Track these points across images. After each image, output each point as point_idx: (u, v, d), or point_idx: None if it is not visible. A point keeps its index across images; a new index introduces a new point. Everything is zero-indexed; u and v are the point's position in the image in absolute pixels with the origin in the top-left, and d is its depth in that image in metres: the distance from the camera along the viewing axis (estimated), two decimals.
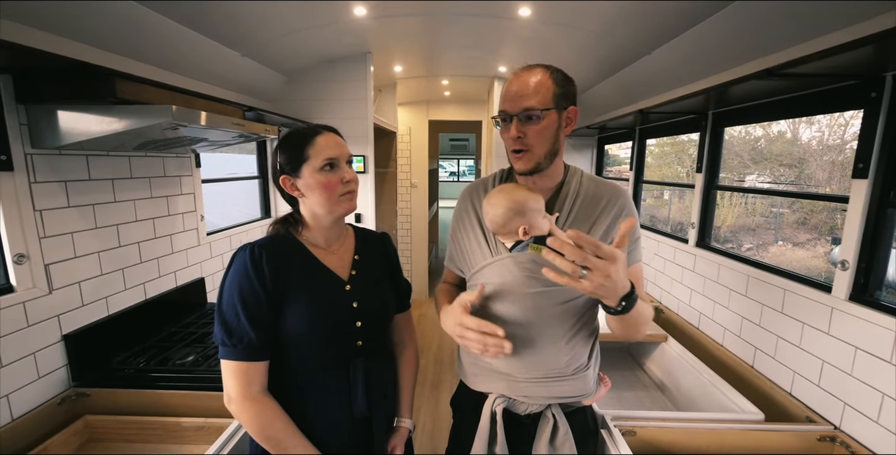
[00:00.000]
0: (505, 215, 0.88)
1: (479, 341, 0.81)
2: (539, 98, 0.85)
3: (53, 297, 1.25)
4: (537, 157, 0.89)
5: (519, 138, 0.87)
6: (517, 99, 0.86)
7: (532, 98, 0.85)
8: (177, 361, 1.40)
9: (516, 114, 0.87)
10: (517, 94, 0.87)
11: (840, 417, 1.18)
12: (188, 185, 1.87)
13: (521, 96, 0.86)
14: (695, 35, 1.62)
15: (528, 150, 0.88)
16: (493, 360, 0.94)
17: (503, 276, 0.91)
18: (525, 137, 0.87)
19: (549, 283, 0.88)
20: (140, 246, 1.59)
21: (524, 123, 0.87)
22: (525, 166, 0.90)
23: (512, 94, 0.87)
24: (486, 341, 0.80)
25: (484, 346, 0.81)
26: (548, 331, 0.89)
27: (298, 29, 1.97)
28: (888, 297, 1.16)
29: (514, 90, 0.87)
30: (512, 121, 0.88)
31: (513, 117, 0.88)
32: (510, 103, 0.87)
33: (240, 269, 0.83)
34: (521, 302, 0.89)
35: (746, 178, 4.22)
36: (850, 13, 1.10)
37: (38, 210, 1.20)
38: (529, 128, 0.87)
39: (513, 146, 0.89)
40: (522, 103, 0.86)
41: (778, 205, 4.44)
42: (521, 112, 0.86)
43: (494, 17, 1.98)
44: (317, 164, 0.86)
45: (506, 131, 0.90)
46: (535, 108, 0.85)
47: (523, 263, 0.90)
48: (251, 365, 0.81)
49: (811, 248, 4.02)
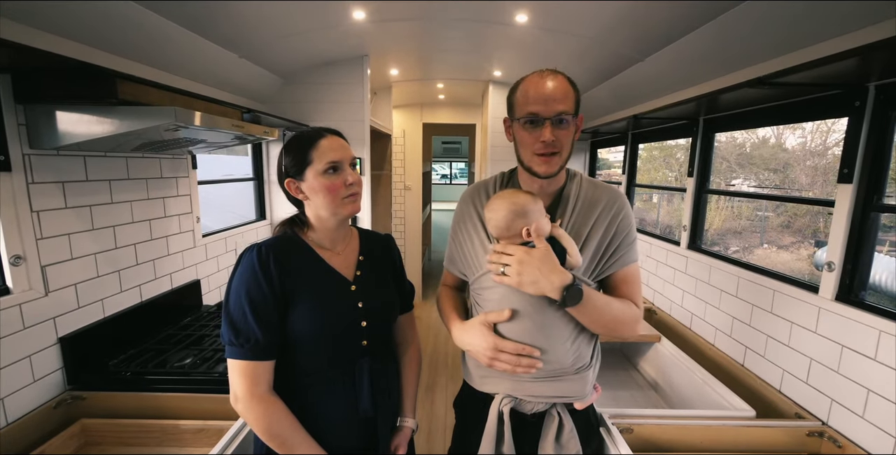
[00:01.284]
0: (507, 218, 0.90)
1: (513, 362, 0.88)
2: (569, 103, 0.88)
3: (49, 300, 1.23)
4: (563, 160, 0.92)
5: (553, 142, 0.88)
6: (551, 102, 0.86)
7: (563, 102, 0.87)
8: (175, 364, 1.39)
9: (550, 117, 0.87)
10: (551, 97, 0.86)
11: (828, 413, 1.23)
12: (184, 186, 1.86)
13: (555, 100, 0.86)
14: (686, 43, 1.67)
15: (557, 154, 0.90)
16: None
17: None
18: (557, 141, 0.88)
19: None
20: (136, 247, 1.58)
21: (557, 127, 0.88)
22: (552, 169, 0.91)
23: (545, 97, 0.86)
24: (520, 362, 0.87)
25: (515, 367, 0.88)
26: (554, 331, 0.91)
27: (296, 32, 1.97)
28: (872, 297, 1.21)
29: (547, 93, 0.87)
30: (544, 124, 0.87)
31: (545, 120, 0.87)
32: (543, 106, 0.87)
33: (247, 270, 0.84)
34: (528, 303, 0.90)
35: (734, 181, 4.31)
36: (835, 26, 1.15)
37: (36, 211, 1.19)
38: (561, 131, 0.88)
39: (544, 149, 0.89)
40: (557, 107, 0.86)
41: (763, 208, 4.55)
42: (555, 115, 0.87)
43: (490, 22, 2.01)
44: (320, 167, 0.87)
45: (532, 133, 0.90)
46: (568, 113, 0.87)
47: None
48: (258, 364, 0.82)
49: (795, 250, 4.13)
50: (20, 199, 1.15)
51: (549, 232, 0.91)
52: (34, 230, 1.18)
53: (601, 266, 0.94)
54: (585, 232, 0.93)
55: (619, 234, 0.94)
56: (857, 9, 1.06)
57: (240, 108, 1.78)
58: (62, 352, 1.26)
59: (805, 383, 1.31)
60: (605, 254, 0.94)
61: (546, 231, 0.91)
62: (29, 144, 1.16)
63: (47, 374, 1.22)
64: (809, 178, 3.85)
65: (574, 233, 0.93)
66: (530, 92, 0.89)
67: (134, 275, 1.57)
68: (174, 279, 1.80)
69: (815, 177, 3.75)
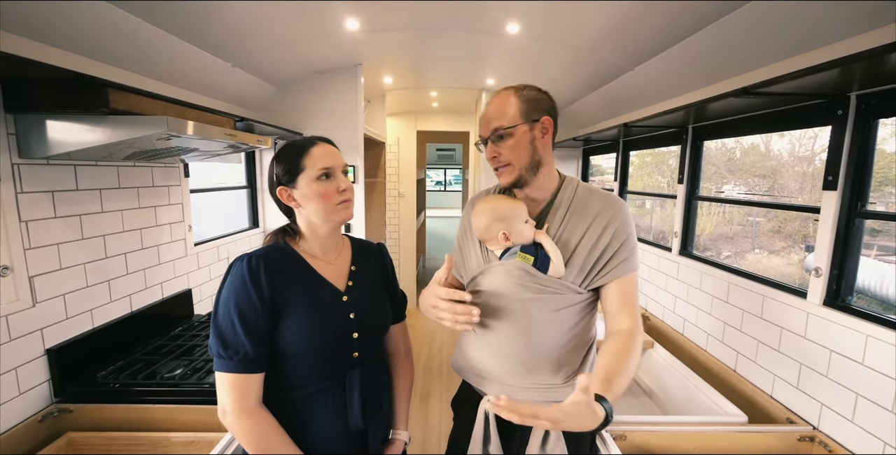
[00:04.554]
0: (486, 221, 0.94)
1: (450, 310, 0.83)
2: (506, 117, 0.93)
3: (37, 310, 1.21)
4: (518, 170, 0.94)
5: (495, 157, 0.95)
6: (487, 123, 0.95)
7: (498, 119, 0.94)
8: (164, 375, 1.37)
9: (487, 137, 0.96)
10: (487, 119, 0.95)
11: (818, 418, 1.24)
12: (176, 194, 1.85)
13: (490, 120, 0.95)
14: (675, 53, 1.70)
15: (507, 165, 0.95)
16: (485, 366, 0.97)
17: (494, 284, 0.94)
18: (500, 155, 0.94)
19: (538, 291, 0.91)
20: (126, 257, 1.56)
21: (496, 143, 0.95)
22: (508, 180, 0.96)
23: (484, 121, 0.96)
24: (455, 309, 0.83)
25: (454, 316, 0.83)
26: (539, 338, 0.91)
27: (289, 40, 1.99)
28: (861, 300, 1.22)
29: (483, 117, 0.97)
30: (487, 143, 0.97)
31: (486, 140, 0.97)
32: (483, 129, 0.97)
33: (237, 280, 0.83)
34: (512, 309, 0.91)
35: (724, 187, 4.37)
36: (818, 37, 1.18)
37: (24, 221, 1.18)
38: (502, 145, 0.94)
39: (493, 165, 0.97)
40: (491, 125, 0.94)
41: (754, 214, 4.61)
42: (491, 134, 0.94)
43: (483, 32, 2.04)
44: (313, 173, 0.87)
45: (486, 152, 0.98)
46: (502, 127, 0.93)
47: (511, 271, 0.92)
48: (247, 377, 0.81)
49: (786, 255, 4.18)
50: (9, 209, 1.14)
51: (531, 238, 0.93)
52: (22, 240, 1.17)
53: (593, 275, 0.93)
54: (575, 240, 0.93)
55: (613, 242, 0.92)
56: (839, 20, 1.10)
57: (233, 116, 1.78)
58: (49, 363, 1.24)
59: (796, 388, 1.32)
60: (597, 263, 0.92)
61: (527, 237, 0.92)
62: (18, 154, 1.16)
63: (34, 387, 1.20)
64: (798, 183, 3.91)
65: (562, 241, 0.93)
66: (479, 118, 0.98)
67: (124, 284, 1.55)
68: (165, 288, 1.78)
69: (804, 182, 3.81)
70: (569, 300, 0.92)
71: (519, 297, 0.91)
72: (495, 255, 0.97)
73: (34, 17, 1.09)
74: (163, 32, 1.48)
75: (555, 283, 0.91)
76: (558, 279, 0.91)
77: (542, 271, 0.90)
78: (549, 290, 0.91)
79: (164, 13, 1.38)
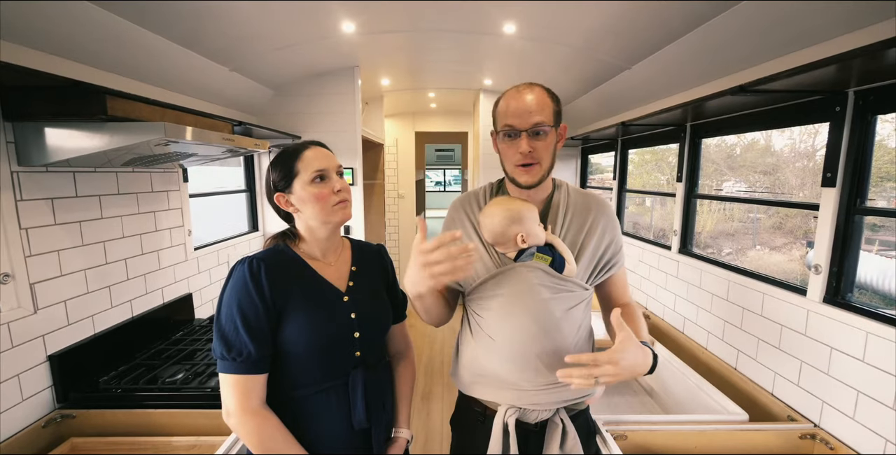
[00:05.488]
0: (502, 224, 0.92)
1: (447, 257, 0.73)
2: (545, 114, 0.90)
3: (38, 317, 1.22)
4: (544, 170, 0.93)
5: (530, 153, 0.90)
6: (526, 115, 0.89)
7: (539, 114, 0.89)
8: (166, 379, 1.37)
9: (526, 129, 0.89)
10: (526, 110, 0.89)
11: (819, 415, 1.24)
12: (175, 199, 1.86)
13: (530, 112, 0.89)
14: (671, 51, 1.70)
15: (537, 164, 0.92)
16: (500, 372, 0.94)
17: (511, 287, 0.93)
18: (535, 152, 0.90)
19: (556, 291, 0.92)
20: (127, 262, 1.57)
21: (533, 138, 0.90)
22: (533, 179, 0.93)
23: (521, 110, 0.89)
24: (451, 253, 0.73)
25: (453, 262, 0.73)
26: (556, 337, 0.91)
27: (287, 44, 1.99)
28: (862, 296, 1.22)
29: (522, 106, 0.89)
30: (520, 136, 0.90)
31: (521, 132, 0.90)
32: (518, 119, 0.89)
33: (238, 283, 0.84)
34: (531, 311, 0.91)
35: (724, 185, 4.36)
36: (816, 33, 1.18)
37: (24, 228, 1.18)
38: (538, 142, 0.90)
39: (523, 160, 0.91)
40: (532, 119, 0.89)
41: (755, 210, 4.60)
42: (531, 127, 0.89)
43: (480, 33, 2.04)
44: (307, 177, 0.88)
45: (511, 146, 0.92)
46: (545, 124, 0.89)
47: (532, 272, 0.92)
48: (250, 378, 0.82)
49: (787, 251, 4.17)
50: (8, 217, 1.14)
51: (544, 239, 0.93)
52: (23, 247, 1.18)
53: (597, 272, 0.96)
54: (580, 239, 0.95)
55: (613, 240, 0.98)
56: (835, 17, 1.10)
57: (230, 120, 1.78)
58: (51, 370, 1.25)
59: (797, 386, 1.32)
60: (601, 259, 0.97)
61: (541, 239, 0.93)
62: (17, 162, 1.16)
63: (36, 393, 1.21)
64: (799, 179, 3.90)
65: (569, 240, 0.95)
66: (509, 105, 0.92)
67: (125, 290, 1.56)
68: (166, 293, 1.78)
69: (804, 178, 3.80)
70: (579, 297, 0.95)
71: (540, 297, 0.91)
72: (507, 258, 0.96)
73: (32, 25, 1.09)
74: (160, 38, 1.49)
75: (569, 281, 0.93)
76: (571, 278, 0.93)
77: (559, 271, 0.92)
78: (565, 288, 0.93)
79: (160, 19, 1.39)
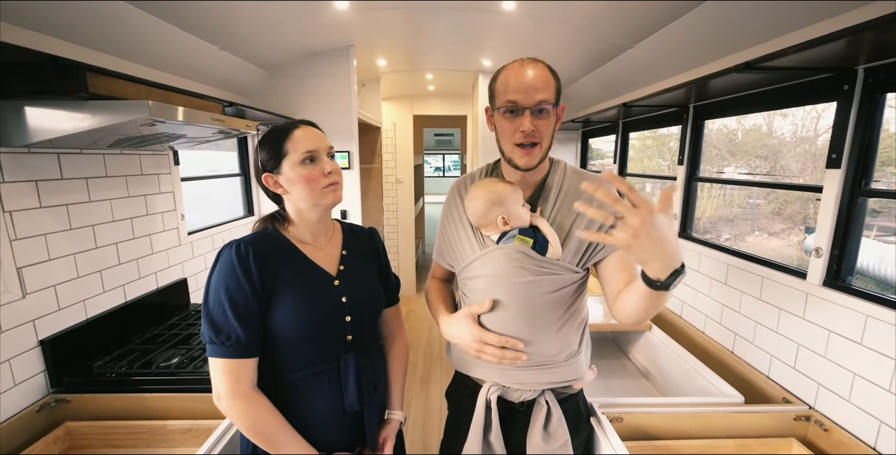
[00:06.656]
0: (483, 206, 0.91)
1: (498, 354, 0.88)
2: (549, 92, 0.85)
3: (27, 302, 1.20)
4: (544, 151, 0.89)
5: (532, 132, 0.85)
6: (531, 91, 0.83)
7: (544, 91, 0.84)
8: (161, 364, 1.37)
9: (530, 106, 0.83)
10: (531, 86, 0.83)
11: (815, 397, 1.24)
12: (167, 183, 1.82)
13: (536, 88, 0.83)
14: (676, 29, 1.64)
15: (537, 146, 0.87)
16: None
17: (493, 268, 0.92)
18: (537, 130, 0.85)
19: (538, 273, 0.90)
20: (118, 247, 1.54)
21: (537, 116, 0.85)
22: (532, 162, 0.89)
23: (525, 86, 0.83)
24: (504, 354, 0.88)
25: (501, 358, 0.88)
26: (538, 319, 0.90)
27: (278, 22, 1.92)
28: (860, 281, 1.21)
29: (528, 82, 0.83)
30: (523, 113, 0.84)
31: (524, 110, 0.84)
32: (523, 95, 0.83)
33: (226, 267, 0.82)
34: (511, 292, 0.90)
35: (725, 169, 4.32)
36: (825, 8, 1.13)
37: (8, 211, 1.15)
38: (541, 121, 0.85)
39: (524, 139, 0.86)
40: (537, 96, 0.83)
41: (754, 196, 4.58)
42: (535, 105, 0.83)
43: (478, 10, 1.97)
44: (296, 158, 0.85)
45: (512, 123, 0.86)
46: (548, 102, 0.84)
47: (511, 254, 0.91)
48: (240, 362, 0.81)
49: (786, 237, 4.16)
50: None
51: (528, 221, 0.91)
52: (7, 231, 1.15)
53: (588, 254, 0.93)
54: (570, 222, 0.92)
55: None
56: None
57: (221, 101, 1.73)
58: (44, 354, 1.24)
59: (793, 368, 1.32)
60: (591, 243, 0.92)
61: (525, 220, 0.91)
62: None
63: (29, 378, 1.20)
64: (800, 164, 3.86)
65: (557, 223, 0.92)
66: (511, 80, 0.86)
67: (117, 275, 1.53)
68: (160, 278, 1.77)
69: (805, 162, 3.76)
70: (566, 280, 0.92)
71: (519, 279, 0.90)
72: (491, 240, 0.95)
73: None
74: (144, 14, 1.42)
75: (553, 264, 0.90)
76: (556, 261, 0.90)
77: (541, 253, 0.90)
78: (548, 271, 0.90)
79: None
